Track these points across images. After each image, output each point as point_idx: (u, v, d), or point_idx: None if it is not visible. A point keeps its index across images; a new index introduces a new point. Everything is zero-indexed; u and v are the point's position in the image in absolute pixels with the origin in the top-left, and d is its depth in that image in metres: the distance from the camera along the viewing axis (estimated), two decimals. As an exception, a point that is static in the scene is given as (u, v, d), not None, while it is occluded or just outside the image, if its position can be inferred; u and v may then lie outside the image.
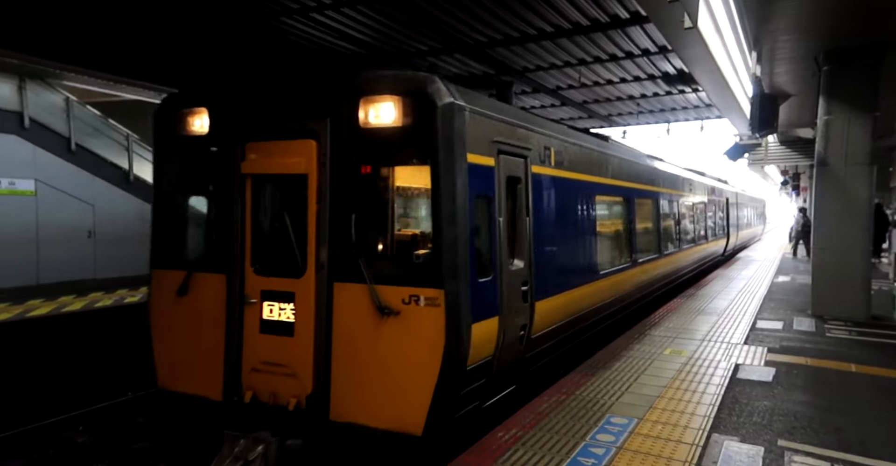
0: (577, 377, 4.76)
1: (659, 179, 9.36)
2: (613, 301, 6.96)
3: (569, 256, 5.61)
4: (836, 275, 7.37)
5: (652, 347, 5.82)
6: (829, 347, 5.91)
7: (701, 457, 3.23)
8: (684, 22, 6.29)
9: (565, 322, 5.47)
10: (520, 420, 3.79)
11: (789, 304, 8.51)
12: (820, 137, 7.53)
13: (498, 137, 4.22)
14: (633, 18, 9.04)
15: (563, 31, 9.61)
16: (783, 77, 9.15)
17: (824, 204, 7.52)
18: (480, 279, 3.84)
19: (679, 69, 11.81)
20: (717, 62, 8.46)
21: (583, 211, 5.99)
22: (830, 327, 6.90)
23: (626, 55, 11.02)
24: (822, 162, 7.49)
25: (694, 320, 7.27)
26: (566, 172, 5.53)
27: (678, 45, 7.82)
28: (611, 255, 7.10)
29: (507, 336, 4.19)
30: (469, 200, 3.72)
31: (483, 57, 10.93)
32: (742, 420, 3.80)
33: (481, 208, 3.98)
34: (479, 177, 3.93)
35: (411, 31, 9.68)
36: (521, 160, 4.62)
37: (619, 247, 7.55)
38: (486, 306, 3.92)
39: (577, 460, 3.19)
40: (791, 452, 3.32)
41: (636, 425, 3.70)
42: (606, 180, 6.77)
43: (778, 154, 17.61)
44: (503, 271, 4.15)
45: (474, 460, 3.20)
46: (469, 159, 3.75)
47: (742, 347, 5.84)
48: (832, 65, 7.41)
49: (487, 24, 9.24)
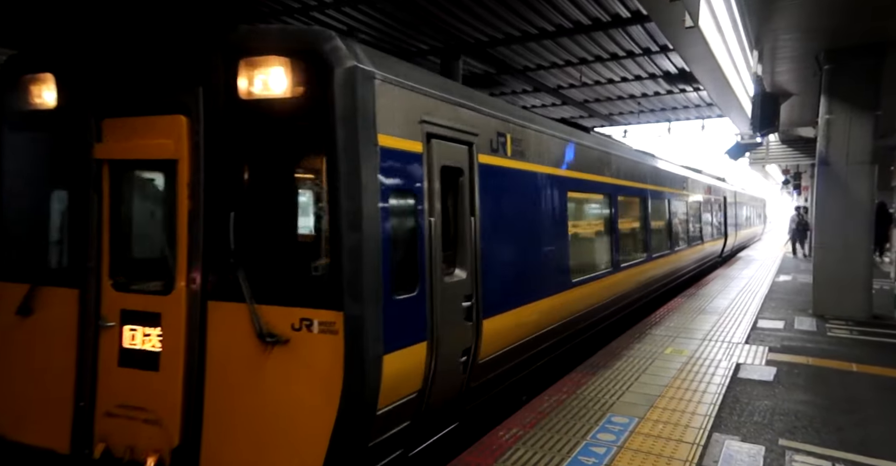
0: (578, 377, 4.76)
1: (648, 175, 8.52)
2: (591, 312, 6.19)
3: (532, 262, 4.80)
4: (837, 274, 7.36)
5: (653, 346, 5.82)
6: (830, 346, 5.91)
7: (702, 456, 3.23)
8: (685, 21, 6.29)
9: (528, 340, 4.71)
10: (520, 420, 3.79)
11: (790, 303, 8.51)
12: (821, 136, 7.52)
13: (429, 116, 3.42)
14: (634, 17, 9.03)
15: (564, 31, 9.61)
16: (784, 76, 9.14)
17: (826, 203, 7.52)
18: (399, 296, 3.07)
19: (680, 68, 11.81)
20: (718, 61, 8.45)
21: (551, 210, 5.20)
22: (831, 326, 6.89)
23: (627, 54, 11.01)
24: (823, 161, 7.48)
25: (695, 319, 7.27)
26: (529, 165, 4.75)
27: (679, 44, 7.81)
28: (587, 260, 6.32)
29: (441, 365, 3.41)
30: (381, 195, 2.95)
31: (484, 56, 10.92)
32: (743, 420, 3.80)
33: (402, 205, 3.22)
34: (398, 166, 3.13)
35: (412, 31, 9.68)
36: (464, 148, 3.81)
37: (597, 251, 6.75)
38: (408, 329, 3.15)
39: (578, 459, 3.19)
40: (792, 451, 3.32)
41: (637, 424, 3.70)
42: (583, 174, 6.01)
43: (779, 153, 17.58)
44: (436, 284, 3.37)
45: (475, 459, 3.20)
46: (382, 143, 2.97)
47: (743, 346, 5.84)
48: (833, 64, 7.40)
49: (488, 23, 9.23)
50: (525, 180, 4.72)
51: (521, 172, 4.62)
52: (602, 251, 6.85)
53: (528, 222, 4.79)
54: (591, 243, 6.72)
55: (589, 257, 6.49)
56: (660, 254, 9.03)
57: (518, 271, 4.58)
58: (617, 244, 7.00)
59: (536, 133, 5.00)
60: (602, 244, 6.88)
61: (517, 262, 4.56)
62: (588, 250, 6.59)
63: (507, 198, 4.41)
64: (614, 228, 6.99)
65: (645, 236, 8.37)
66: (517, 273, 4.56)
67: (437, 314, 3.39)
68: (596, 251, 6.76)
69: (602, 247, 6.87)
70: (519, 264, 4.58)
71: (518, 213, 4.61)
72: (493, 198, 4.16)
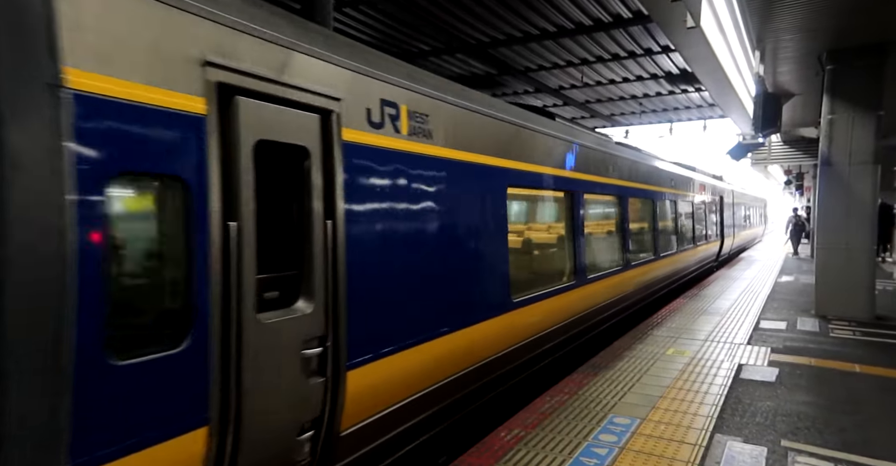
0: (580, 377, 4.75)
1: (625, 171, 7.43)
2: (541, 339, 5.04)
3: (445, 281, 3.61)
4: (839, 275, 7.34)
5: (654, 347, 5.81)
6: (832, 347, 5.89)
7: (704, 458, 3.22)
8: (687, 21, 6.26)
9: (442, 386, 3.60)
10: (522, 420, 3.79)
11: (793, 304, 8.48)
12: (824, 136, 7.50)
13: (225, 56, 2.23)
14: (635, 18, 9.02)
15: (565, 31, 9.60)
16: (786, 76, 9.12)
17: (828, 204, 7.49)
18: (127, 361, 1.89)
19: (682, 68, 11.79)
20: (719, 61, 8.43)
21: (481, 212, 4.05)
22: (834, 327, 6.87)
23: (628, 55, 11.00)
24: (825, 161, 7.46)
25: (697, 320, 7.25)
26: (441, 150, 3.61)
27: (681, 44, 7.79)
28: (537, 274, 5.28)
29: (250, 453, 2.31)
30: (81, 180, 1.76)
31: (485, 57, 10.92)
32: (745, 421, 3.79)
33: (149, 200, 2.10)
34: (131, 131, 1.92)
35: (413, 31, 9.68)
36: (313, 117, 2.66)
37: (552, 261, 5.70)
38: (158, 413, 1.98)
39: (580, 460, 3.19)
40: (794, 452, 3.31)
41: (639, 425, 3.69)
42: (533, 167, 4.88)
43: (781, 154, 17.54)
44: (245, 325, 2.27)
45: (476, 460, 3.20)
46: (79, 84, 1.76)
47: (745, 347, 5.82)
48: (836, 64, 7.39)
49: (490, 23, 9.23)
50: (434, 170, 3.51)
51: (426, 160, 3.43)
52: (559, 262, 5.73)
53: (438, 228, 3.56)
54: (544, 252, 5.67)
55: (539, 271, 5.47)
56: (641, 261, 7.99)
57: (420, 294, 3.37)
58: (581, 253, 5.85)
59: (461, 111, 3.81)
60: (559, 254, 5.76)
61: (417, 282, 3.36)
62: (539, 262, 5.54)
63: (401, 194, 3.22)
64: (578, 233, 5.85)
65: (622, 242, 7.31)
66: (416, 298, 3.34)
67: (243, 375, 2.25)
68: (550, 262, 5.67)
69: (559, 257, 5.74)
70: (421, 285, 3.38)
71: (421, 215, 3.40)
72: (373, 194, 3.01)
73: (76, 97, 1.77)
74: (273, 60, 2.49)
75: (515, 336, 4.53)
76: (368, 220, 3.00)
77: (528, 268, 5.18)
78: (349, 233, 2.84)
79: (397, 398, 3.23)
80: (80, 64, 1.79)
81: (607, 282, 6.62)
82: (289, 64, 2.57)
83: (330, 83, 2.78)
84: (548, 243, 5.69)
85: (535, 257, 5.52)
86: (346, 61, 2.92)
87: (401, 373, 3.22)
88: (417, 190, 3.41)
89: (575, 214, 5.86)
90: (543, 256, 5.66)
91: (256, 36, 2.41)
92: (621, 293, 7.18)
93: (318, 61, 2.74)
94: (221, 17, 2.26)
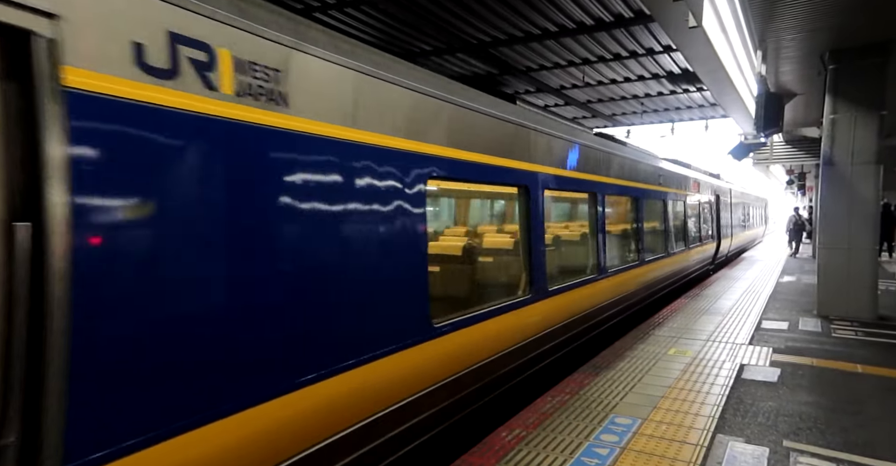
0: (581, 377, 4.75)
1: (594, 163, 6.31)
2: (476, 373, 3.94)
3: (300, 302, 2.53)
4: (842, 275, 7.33)
5: (656, 347, 5.80)
6: (834, 347, 5.88)
7: (705, 458, 3.22)
8: (689, 21, 6.27)
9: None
10: (523, 420, 3.78)
11: (795, 304, 8.46)
12: (826, 136, 7.48)
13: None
14: (637, 17, 9.01)
15: (566, 31, 9.59)
16: (788, 76, 9.10)
17: (830, 203, 7.48)
18: None
19: (683, 68, 11.78)
20: (721, 61, 8.42)
21: (376, 208, 3.03)
22: (836, 327, 6.85)
23: (630, 54, 10.98)
24: (828, 161, 7.45)
25: (698, 320, 7.24)
26: (297, 122, 2.55)
27: (682, 44, 7.79)
28: (468, 289, 4.44)
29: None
30: None
31: (486, 57, 10.92)
32: (747, 421, 3.78)
33: None
34: None
35: (415, 31, 9.68)
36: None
37: (495, 272, 4.83)
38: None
39: (581, 460, 3.18)
40: (797, 453, 3.30)
41: (640, 425, 3.69)
42: (465, 155, 3.85)
43: (783, 153, 17.51)
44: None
45: (477, 460, 3.20)
46: None
47: (747, 347, 5.81)
48: (838, 63, 7.37)
49: (491, 23, 9.23)
50: (286, 150, 2.47)
51: (267, 134, 2.38)
52: (505, 273, 4.82)
53: (287, 228, 2.48)
54: (486, 263, 4.79)
55: (474, 284, 4.60)
56: (617, 269, 6.86)
57: (258, 328, 2.31)
58: (535, 262, 4.73)
59: (348, 72, 2.84)
60: (506, 263, 4.84)
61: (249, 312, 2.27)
62: (481, 274, 4.64)
63: (209, 184, 2.14)
64: (536, 236, 4.77)
65: (592, 248, 6.19)
66: (235, 331, 2.22)
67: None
68: (491, 273, 4.73)
69: (506, 267, 4.82)
70: (247, 307, 2.27)
71: (252, 217, 2.31)
72: (143, 181, 1.92)
73: None
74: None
75: (430, 376, 3.39)
76: (123, 227, 1.84)
77: (451, 284, 4.32)
78: (75, 246, 1.70)
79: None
80: None
81: (571, 296, 5.41)
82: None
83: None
84: (492, 250, 4.71)
85: (474, 268, 4.55)
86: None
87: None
88: (243, 178, 2.26)
89: (532, 214, 4.71)
90: (485, 267, 4.62)
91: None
92: (588, 308, 5.89)
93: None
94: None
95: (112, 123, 1.83)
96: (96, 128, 1.79)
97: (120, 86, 1.85)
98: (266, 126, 2.40)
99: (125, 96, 1.87)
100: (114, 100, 1.83)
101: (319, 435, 2.63)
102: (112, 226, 1.82)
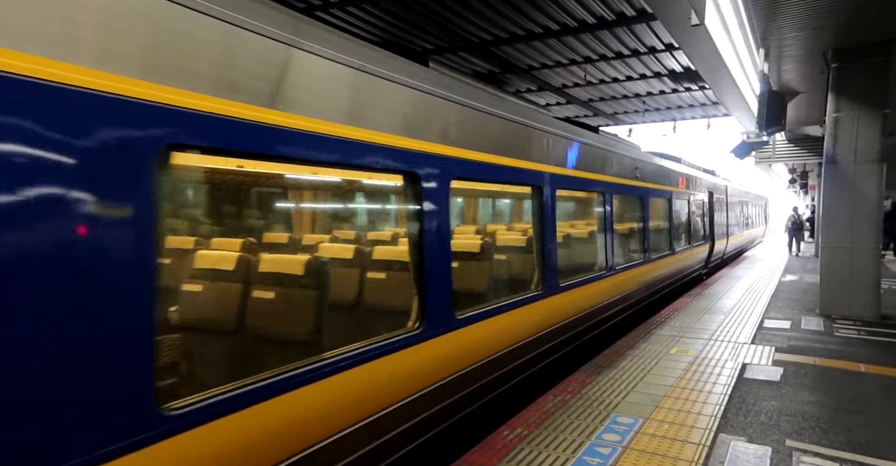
0: (583, 376, 4.74)
1: (552, 151, 5.06)
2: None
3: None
4: (844, 274, 7.31)
5: (658, 346, 5.79)
6: (837, 346, 5.86)
7: (708, 457, 3.21)
8: (691, 19, 6.25)
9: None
10: (525, 419, 3.78)
11: (797, 303, 8.45)
12: (829, 134, 7.47)
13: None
14: (639, 16, 8.98)
15: (568, 29, 9.57)
16: (791, 74, 9.08)
17: (833, 202, 7.46)
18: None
19: (685, 67, 11.75)
20: (724, 60, 8.40)
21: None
22: (839, 326, 6.84)
23: (632, 53, 10.96)
24: (830, 160, 7.43)
25: (700, 319, 7.23)
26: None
27: (685, 42, 7.76)
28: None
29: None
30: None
31: (488, 55, 10.91)
32: (749, 420, 3.78)
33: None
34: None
35: (417, 30, 9.67)
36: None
37: (412, 286, 3.36)
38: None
39: (583, 459, 3.18)
40: (799, 452, 3.30)
41: (642, 424, 3.68)
42: (359, 133, 2.84)
43: (786, 152, 17.47)
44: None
45: (479, 459, 3.20)
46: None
47: (749, 346, 5.80)
48: (841, 62, 7.35)
49: (493, 22, 9.21)
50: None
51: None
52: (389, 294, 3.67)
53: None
54: (386, 270, 3.71)
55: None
56: (583, 279, 5.71)
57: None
58: (430, 284, 3.37)
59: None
60: (387, 282, 3.69)
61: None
62: (378, 288, 3.65)
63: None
64: (497, 248, 4.06)
65: (540, 258, 4.90)
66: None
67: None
68: (403, 288, 3.40)
69: (387, 286, 3.68)
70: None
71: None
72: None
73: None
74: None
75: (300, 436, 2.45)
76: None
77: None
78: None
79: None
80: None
81: (516, 316, 4.29)
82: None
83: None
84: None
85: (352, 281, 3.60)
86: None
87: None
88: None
89: (432, 215, 3.43)
90: (381, 282, 3.55)
91: None
92: (537, 331, 4.80)
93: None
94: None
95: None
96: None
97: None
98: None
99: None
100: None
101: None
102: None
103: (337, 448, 2.68)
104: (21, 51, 1.62)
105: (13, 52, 1.60)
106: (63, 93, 1.70)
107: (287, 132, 2.46)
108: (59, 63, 1.70)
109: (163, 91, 1.96)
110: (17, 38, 1.61)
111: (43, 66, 1.66)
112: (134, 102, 1.87)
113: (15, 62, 1.61)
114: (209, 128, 2.12)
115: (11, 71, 1.59)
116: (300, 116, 2.53)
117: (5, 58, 1.59)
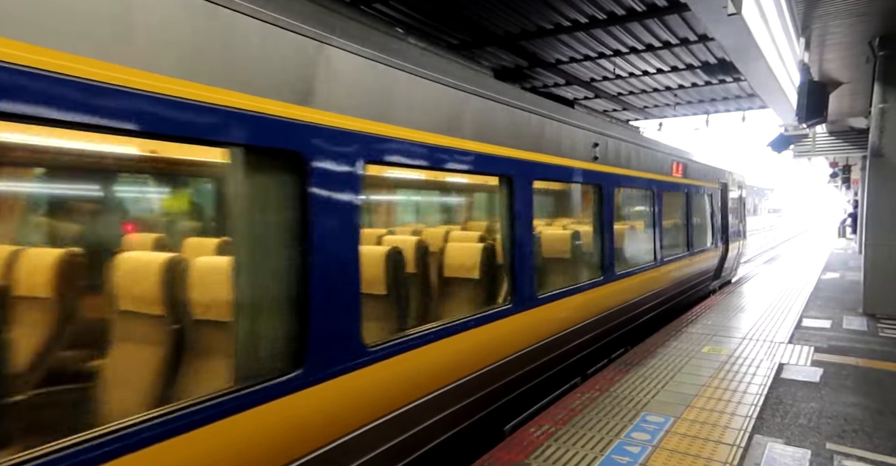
0: (611, 374, 4.67)
1: (515, 130, 4.15)
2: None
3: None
4: (890, 272, 7.00)
5: (689, 344, 5.65)
6: (882, 347, 5.61)
7: (742, 458, 3.12)
8: (727, 8, 6.03)
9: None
10: (552, 416, 3.75)
11: (838, 302, 8.12)
12: (874, 126, 7.14)
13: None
14: (671, 6, 8.74)
15: (597, 22, 9.39)
16: (834, 64, 8.70)
17: (878, 197, 7.14)
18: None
19: (720, 58, 11.38)
20: (761, 50, 8.10)
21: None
22: (884, 326, 6.54)
23: (663, 45, 10.67)
24: (876, 153, 7.10)
25: (734, 317, 7.02)
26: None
27: (720, 33, 7.51)
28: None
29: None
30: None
31: (515, 49, 10.80)
32: (787, 422, 3.65)
33: None
34: None
35: (442, 25, 9.64)
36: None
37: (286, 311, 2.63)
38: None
39: (612, 458, 3.13)
40: (841, 456, 3.17)
41: (673, 423, 3.60)
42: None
43: (826, 145, 16.77)
44: None
45: (507, 455, 3.18)
46: None
47: (786, 346, 5.61)
48: (889, 50, 7.02)
49: (520, 15, 9.11)
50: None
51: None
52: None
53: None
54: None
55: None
56: (547, 295, 4.50)
57: None
58: (328, 309, 2.70)
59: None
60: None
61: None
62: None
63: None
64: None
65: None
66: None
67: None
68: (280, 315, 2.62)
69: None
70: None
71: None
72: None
73: None
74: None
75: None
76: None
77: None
78: None
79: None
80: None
81: (445, 349, 3.41)
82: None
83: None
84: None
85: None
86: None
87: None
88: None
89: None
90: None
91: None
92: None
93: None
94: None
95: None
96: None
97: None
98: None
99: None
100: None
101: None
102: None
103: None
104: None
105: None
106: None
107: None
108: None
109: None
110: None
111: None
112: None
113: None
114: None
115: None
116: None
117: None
